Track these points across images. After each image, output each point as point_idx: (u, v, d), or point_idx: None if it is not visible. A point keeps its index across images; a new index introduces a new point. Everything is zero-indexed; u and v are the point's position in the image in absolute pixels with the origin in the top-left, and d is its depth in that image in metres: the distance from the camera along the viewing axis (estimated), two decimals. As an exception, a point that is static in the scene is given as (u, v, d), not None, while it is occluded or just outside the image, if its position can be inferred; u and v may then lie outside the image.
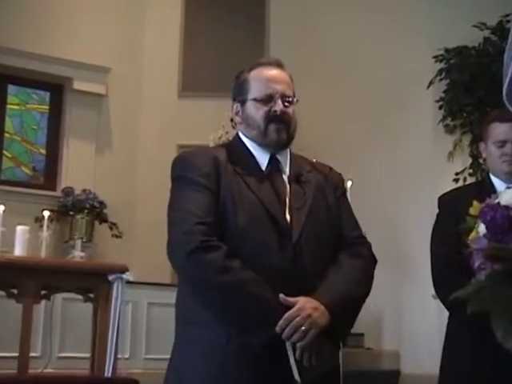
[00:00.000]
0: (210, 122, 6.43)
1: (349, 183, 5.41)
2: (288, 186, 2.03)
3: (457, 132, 6.06)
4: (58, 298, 4.89)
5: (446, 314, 2.49)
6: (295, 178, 2.05)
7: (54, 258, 5.37)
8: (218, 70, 7.18)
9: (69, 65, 6.85)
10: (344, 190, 2.19)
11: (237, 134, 2.15)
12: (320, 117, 6.84)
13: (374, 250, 2.03)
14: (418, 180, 6.15)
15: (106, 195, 6.61)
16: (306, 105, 2.61)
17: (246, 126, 2.08)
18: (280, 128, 2.03)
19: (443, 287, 2.37)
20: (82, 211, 6.47)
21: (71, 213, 6.48)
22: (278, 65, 2.14)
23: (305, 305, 1.82)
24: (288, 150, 2.12)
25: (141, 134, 7.17)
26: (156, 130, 7.20)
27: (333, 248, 2.02)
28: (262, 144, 2.06)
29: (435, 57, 6.09)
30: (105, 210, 6.60)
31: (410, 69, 6.36)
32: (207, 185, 1.95)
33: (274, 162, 2.07)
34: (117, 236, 6.50)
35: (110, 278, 4.05)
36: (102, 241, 6.64)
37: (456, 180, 5.74)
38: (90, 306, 4.20)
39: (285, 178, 2.05)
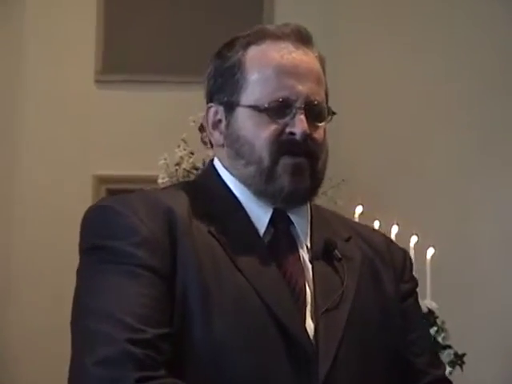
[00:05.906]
0: (158, 133, 6.37)
1: (428, 252, 5.52)
2: (310, 268, 2.00)
3: None
4: None
5: None
6: (323, 253, 2.02)
7: None
8: (172, 37, 6.90)
9: None
10: (415, 284, 2.17)
11: (211, 165, 2.10)
12: (368, 132, 6.70)
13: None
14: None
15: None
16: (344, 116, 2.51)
17: (232, 152, 2.02)
18: (300, 167, 1.95)
19: None
20: None
21: None
22: (302, 38, 2.00)
23: None
24: (307, 204, 2.06)
25: (24, 153, 6.83)
26: (53, 147, 6.80)
27: None
28: (262, 192, 1.99)
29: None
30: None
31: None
32: (150, 263, 1.85)
33: (281, 224, 2.02)
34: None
35: None
36: None
37: None
38: None
39: (303, 252, 2.03)
